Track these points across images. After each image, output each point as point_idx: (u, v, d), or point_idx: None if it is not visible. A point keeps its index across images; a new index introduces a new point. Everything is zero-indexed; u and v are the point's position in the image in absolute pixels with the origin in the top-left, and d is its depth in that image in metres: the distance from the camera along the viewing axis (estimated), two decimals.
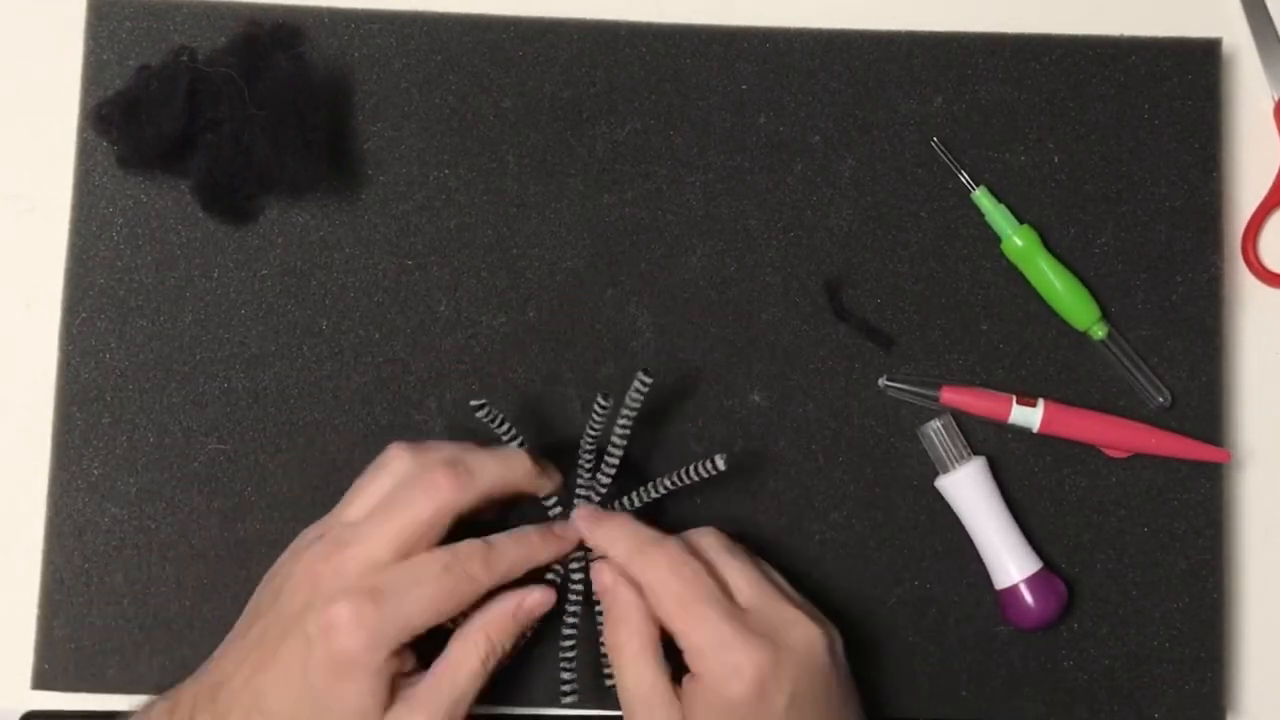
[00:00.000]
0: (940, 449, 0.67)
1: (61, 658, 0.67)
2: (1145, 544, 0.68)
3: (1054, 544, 0.68)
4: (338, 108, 0.68)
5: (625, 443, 0.63)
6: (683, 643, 0.58)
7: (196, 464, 0.68)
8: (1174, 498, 0.68)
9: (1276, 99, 0.72)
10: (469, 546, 0.60)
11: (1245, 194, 0.72)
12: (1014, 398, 0.67)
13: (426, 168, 0.69)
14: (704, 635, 0.57)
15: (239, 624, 0.62)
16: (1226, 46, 0.71)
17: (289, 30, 0.68)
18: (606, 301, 0.69)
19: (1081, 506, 0.68)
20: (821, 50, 0.70)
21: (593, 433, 0.63)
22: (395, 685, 0.59)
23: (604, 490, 0.64)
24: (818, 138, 0.70)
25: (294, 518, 0.67)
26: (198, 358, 0.68)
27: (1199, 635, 0.68)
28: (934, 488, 0.67)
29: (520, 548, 0.61)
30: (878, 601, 0.67)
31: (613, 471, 0.64)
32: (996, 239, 0.69)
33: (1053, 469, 0.68)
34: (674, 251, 0.69)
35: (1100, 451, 0.68)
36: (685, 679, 0.59)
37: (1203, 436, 0.68)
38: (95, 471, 0.67)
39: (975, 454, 0.67)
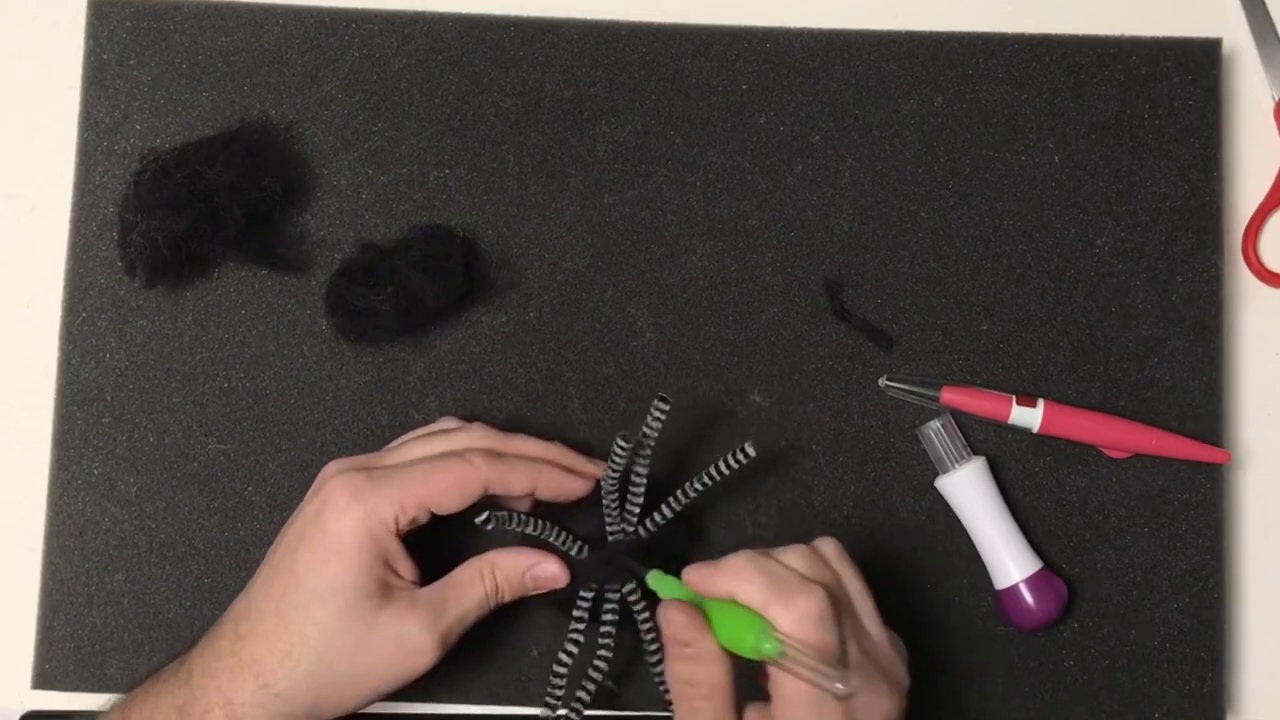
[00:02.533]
0: (940, 449, 0.67)
1: (62, 657, 0.67)
2: (1145, 544, 0.68)
3: (1054, 544, 0.68)
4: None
5: (647, 471, 0.62)
6: (781, 712, 0.54)
7: (196, 464, 0.68)
8: (1174, 498, 0.68)
9: (1277, 99, 0.72)
10: (468, 449, 0.60)
11: (1246, 194, 0.72)
12: (1014, 398, 0.67)
13: (427, 167, 0.69)
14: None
15: None
16: (1227, 47, 0.71)
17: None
18: (607, 301, 0.69)
19: (1082, 506, 0.68)
20: (822, 50, 0.70)
21: (614, 471, 0.61)
22: (388, 582, 0.59)
23: (635, 522, 0.63)
24: (818, 137, 0.70)
25: None
26: (197, 358, 0.68)
27: (1199, 635, 0.68)
28: (934, 488, 0.67)
29: (532, 452, 0.62)
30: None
31: (640, 502, 0.62)
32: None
33: (1053, 469, 0.68)
34: (674, 251, 0.69)
35: (1100, 451, 0.68)
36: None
37: (1202, 437, 0.68)
38: (95, 471, 0.67)
39: (975, 454, 0.67)
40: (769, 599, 0.53)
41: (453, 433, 0.63)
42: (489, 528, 0.59)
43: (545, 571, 0.61)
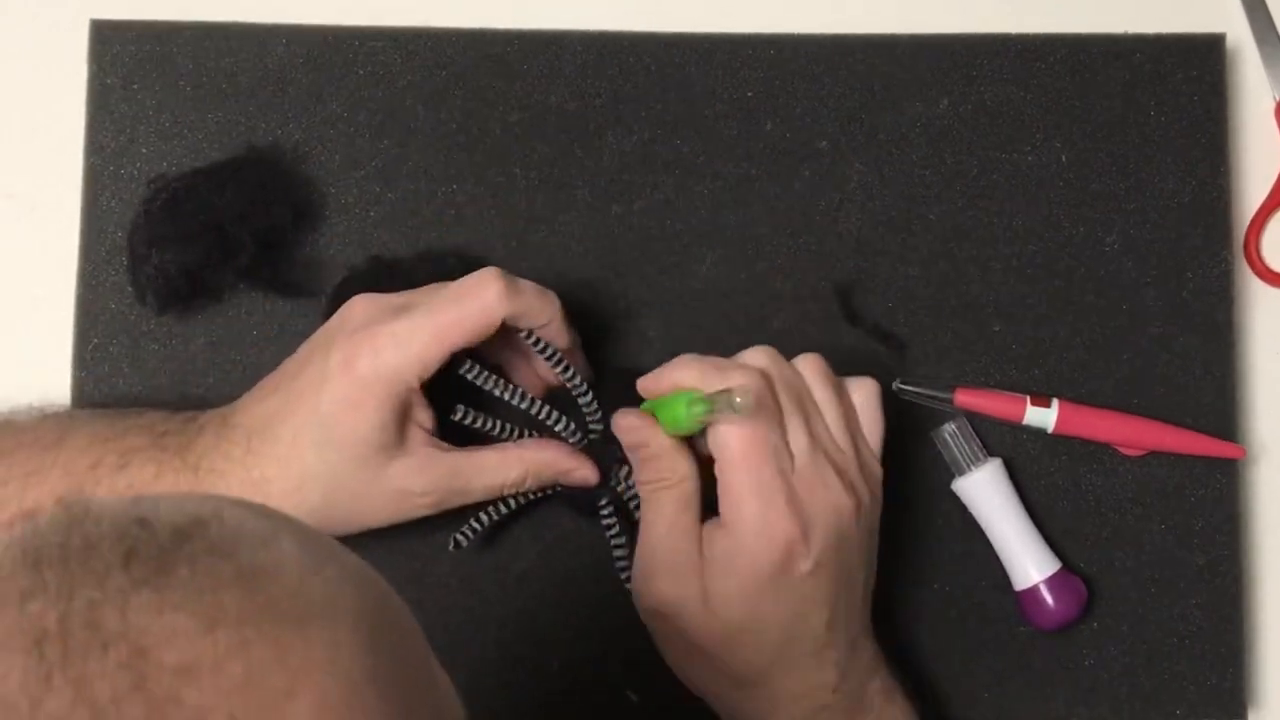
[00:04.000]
0: (956, 452, 0.67)
1: None
2: (1163, 541, 0.68)
3: (1072, 543, 0.68)
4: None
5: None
6: (724, 485, 0.58)
7: None
8: (1190, 494, 0.68)
9: (1278, 99, 0.72)
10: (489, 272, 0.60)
11: (1247, 194, 0.72)
12: (1028, 398, 0.67)
13: (435, 183, 0.69)
14: (751, 489, 0.57)
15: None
16: (1228, 44, 0.71)
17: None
18: (617, 312, 0.69)
19: (1098, 505, 0.68)
20: (826, 56, 0.70)
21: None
22: (405, 433, 0.59)
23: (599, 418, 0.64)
24: (825, 143, 0.70)
25: None
26: (210, 381, 0.68)
27: (1218, 631, 0.68)
28: (951, 490, 0.67)
29: (545, 298, 0.61)
30: (898, 606, 0.67)
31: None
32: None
33: (1068, 469, 0.68)
34: (683, 260, 0.69)
35: (1115, 450, 0.68)
36: (708, 524, 0.59)
37: (1216, 432, 0.68)
38: None
39: (991, 456, 0.67)
40: (704, 378, 0.58)
41: (466, 277, 0.61)
42: (467, 423, 0.61)
43: (582, 473, 0.62)
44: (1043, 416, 0.67)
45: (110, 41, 0.69)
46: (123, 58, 0.69)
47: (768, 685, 0.59)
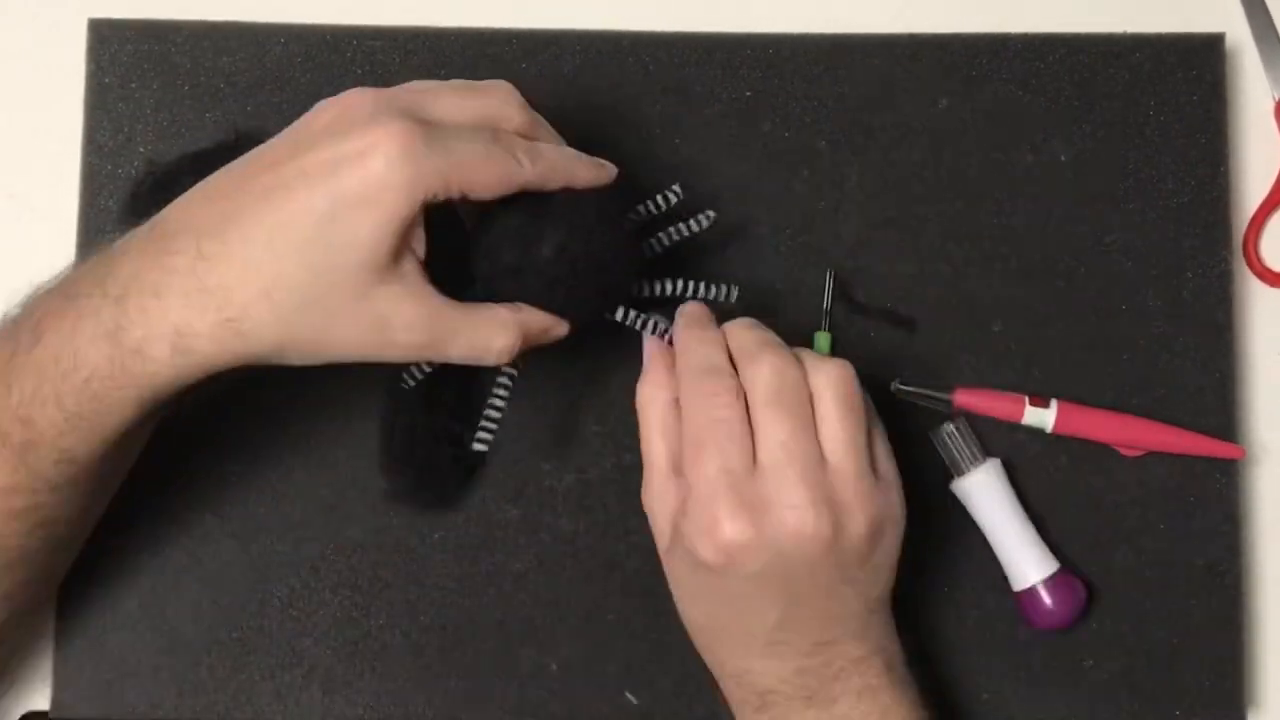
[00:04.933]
0: (955, 452, 0.67)
1: (79, 684, 0.66)
2: (1162, 541, 0.68)
3: (1071, 544, 0.68)
4: None
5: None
6: (686, 478, 0.57)
7: (209, 485, 0.67)
8: (1189, 495, 0.68)
9: (1277, 99, 0.72)
10: (512, 136, 0.56)
11: (1247, 194, 0.72)
12: (1027, 399, 0.67)
13: None
14: (698, 482, 0.56)
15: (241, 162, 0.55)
16: (1228, 43, 0.71)
17: None
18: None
19: (1098, 506, 0.68)
20: (825, 56, 0.70)
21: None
22: (399, 257, 0.53)
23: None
24: (823, 143, 0.70)
25: (307, 538, 0.67)
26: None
27: (1219, 631, 0.68)
28: (949, 491, 0.67)
29: (561, 156, 0.57)
30: (896, 605, 0.67)
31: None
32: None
33: (1068, 469, 0.68)
34: (683, 260, 0.69)
35: (1115, 450, 0.68)
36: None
37: (1216, 433, 0.68)
38: None
39: (990, 456, 0.67)
40: (683, 376, 0.58)
41: (483, 92, 0.57)
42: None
43: (562, 328, 0.59)
44: (1042, 416, 0.67)
45: (108, 41, 0.69)
46: (121, 57, 0.69)
47: (714, 652, 0.61)
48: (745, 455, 0.56)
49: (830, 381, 0.57)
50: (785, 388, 0.56)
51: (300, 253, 0.51)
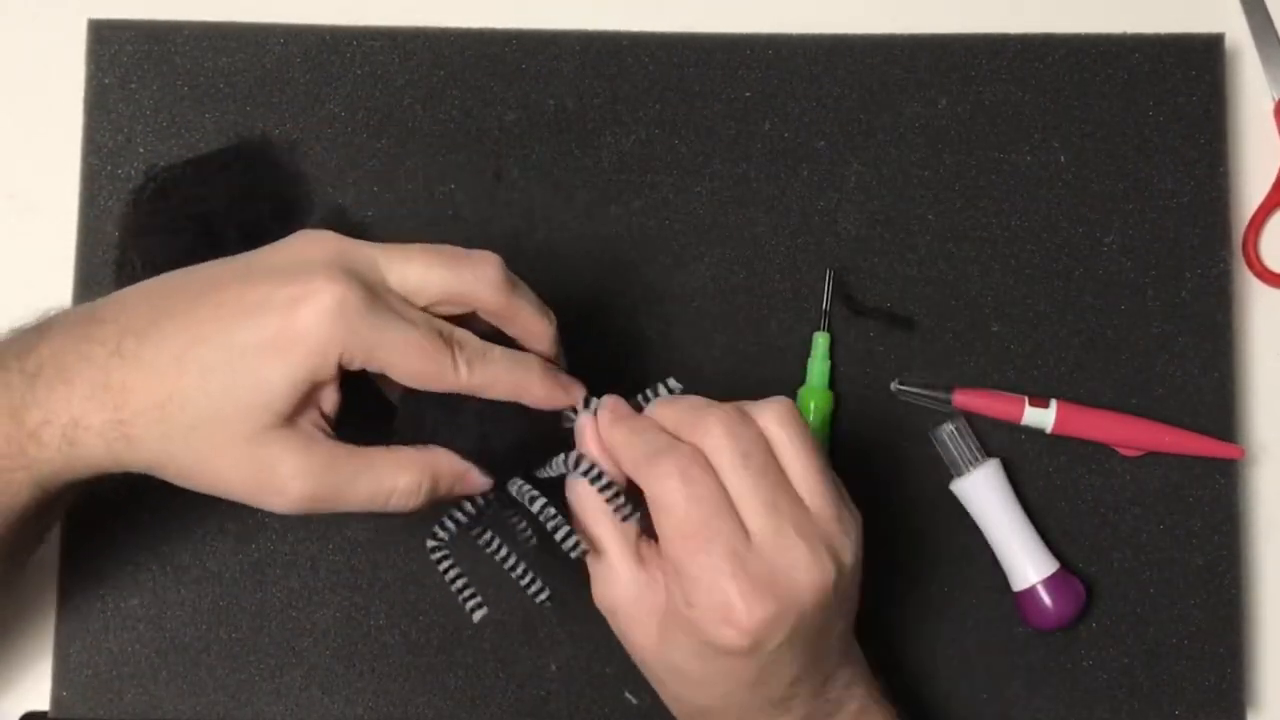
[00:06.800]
0: (954, 452, 0.67)
1: (79, 683, 0.66)
2: (1161, 542, 0.68)
3: (1070, 544, 0.68)
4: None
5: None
6: (678, 570, 0.53)
7: None
8: (1189, 495, 0.68)
9: (1277, 99, 0.72)
10: (468, 336, 0.54)
11: (1246, 194, 0.72)
12: (1026, 399, 0.67)
13: (431, 183, 0.69)
14: (701, 572, 0.52)
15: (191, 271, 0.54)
16: (1228, 43, 0.71)
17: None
18: (615, 313, 0.69)
19: (1097, 506, 0.68)
20: (824, 55, 0.70)
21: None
22: (302, 411, 0.52)
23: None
24: (823, 143, 0.70)
25: (307, 538, 0.67)
26: None
27: (1217, 631, 0.68)
28: (949, 491, 0.67)
29: (516, 372, 0.54)
30: (897, 606, 0.67)
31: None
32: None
33: (1067, 469, 0.68)
34: (681, 261, 0.69)
35: (1114, 450, 0.68)
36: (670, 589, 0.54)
37: (1215, 433, 0.68)
38: (107, 496, 0.67)
39: (989, 456, 0.67)
40: (638, 468, 0.53)
41: (463, 264, 0.55)
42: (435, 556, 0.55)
43: (475, 479, 0.55)
44: (1041, 417, 0.67)
45: (108, 41, 0.69)
46: (120, 57, 0.69)
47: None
48: (737, 528, 0.52)
49: (779, 420, 0.54)
50: (746, 446, 0.53)
51: (204, 375, 0.51)
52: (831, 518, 0.54)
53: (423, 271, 0.54)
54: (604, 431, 0.55)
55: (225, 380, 0.51)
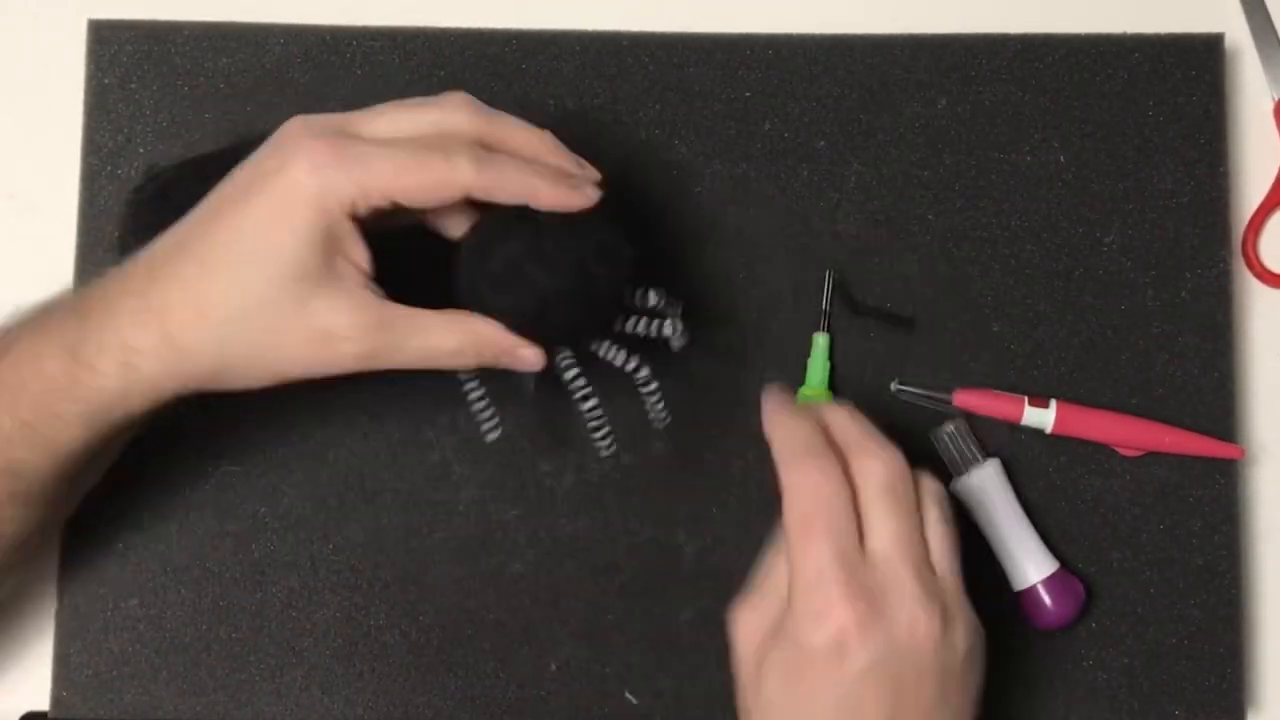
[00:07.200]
0: (954, 452, 0.67)
1: (79, 683, 0.66)
2: (1162, 541, 0.68)
3: (1070, 544, 0.68)
4: None
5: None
6: (789, 559, 0.53)
7: (209, 486, 0.67)
8: (1189, 494, 0.68)
9: (1276, 99, 0.72)
10: (459, 142, 0.55)
11: (1246, 195, 0.72)
12: (1026, 399, 0.67)
13: None
14: (808, 561, 0.52)
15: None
16: (1228, 43, 0.71)
17: None
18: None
19: (1097, 506, 0.68)
20: (824, 56, 0.70)
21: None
22: (335, 267, 0.54)
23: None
24: (823, 143, 0.70)
25: (307, 538, 0.67)
26: None
27: (1218, 631, 0.68)
28: (950, 491, 0.67)
29: (523, 171, 0.55)
30: None
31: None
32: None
33: (1067, 469, 0.68)
34: (683, 260, 0.69)
35: (1114, 450, 0.68)
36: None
37: (1215, 433, 0.68)
38: (107, 495, 0.67)
39: (990, 456, 0.67)
40: (783, 461, 0.54)
41: (430, 103, 0.56)
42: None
43: (527, 353, 0.57)
44: (1041, 417, 0.67)
45: (108, 41, 0.69)
46: (120, 57, 0.69)
47: None
48: (856, 539, 0.52)
49: (934, 494, 0.55)
50: (899, 483, 0.54)
51: (230, 270, 0.53)
52: (954, 592, 0.54)
53: (394, 118, 0.56)
54: (765, 422, 0.56)
55: (251, 266, 0.53)
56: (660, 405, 0.59)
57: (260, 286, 0.53)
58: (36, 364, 0.55)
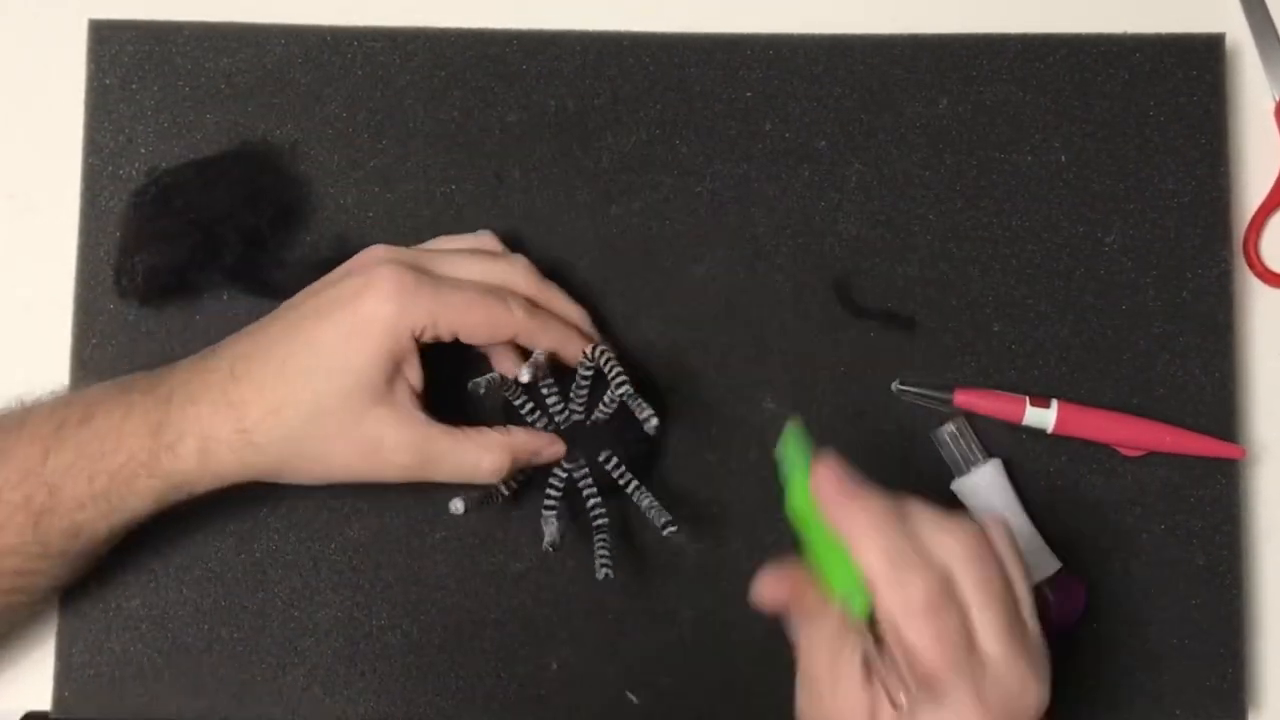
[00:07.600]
0: (955, 452, 0.67)
1: (81, 684, 0.66)
2: (1162, 542, 0.68)
3: (1071, 544, 0.68)
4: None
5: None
6: (928, 697, 0.52)
7: None
8: (1190, 495, 0.68)
9: (1277, 99, 0.72)
10: (512, 293, 0.62)
11: (1247, 194, 0.72)
12: (1027, 399, 0.67)
13: (433, 184, 0.69)
14: (948, 707, 0.51)
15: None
16: (1228, 43, 0.71)
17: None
18: (616, 313, 0.69)
19: (1098, 506, 0.68)
20: (825, 56, 0.70)
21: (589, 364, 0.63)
22: (393, 384, 0.60)
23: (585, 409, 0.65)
24: (824, 143, 0.70)
25: (309, 538, 0.67)
26: None
27: (1218, 631, 0.68)
28: (950, 491, 0.67)
29: (564, 329, 0.63)
30: None
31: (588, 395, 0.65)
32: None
33: (1068, 469, 0.68)
34: (683, 261, 0.69)
35: (1115, 450, 0.68)
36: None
37: (1216, 433, 0.68)
38: None
39: (990, 456, 0.67)
40: (882, 574, 0.51)
41: (497, 259, 0.64)
42: (480, 392, 0.61)
43: (554, 449, 0.63)
44: (1042, 417, 0.67)
45: (109, 41, 0.69)
46: (121, 58, 0.69)
47: None
48: (979, 661, 0.52)
49: (1004, 542, 0.55)
50: (989, 572, 0.53)
51: (305, 377, 0.59)
52: (1039, 636, 0.54)
53: (465, 262, 0.63)
54: (832, 504, 0.54)
55: (323, 376, 0.59)
56: (661, 517, 0.62)
57: (330, 396, 0.59)
58: (119, 439, 0.58)
